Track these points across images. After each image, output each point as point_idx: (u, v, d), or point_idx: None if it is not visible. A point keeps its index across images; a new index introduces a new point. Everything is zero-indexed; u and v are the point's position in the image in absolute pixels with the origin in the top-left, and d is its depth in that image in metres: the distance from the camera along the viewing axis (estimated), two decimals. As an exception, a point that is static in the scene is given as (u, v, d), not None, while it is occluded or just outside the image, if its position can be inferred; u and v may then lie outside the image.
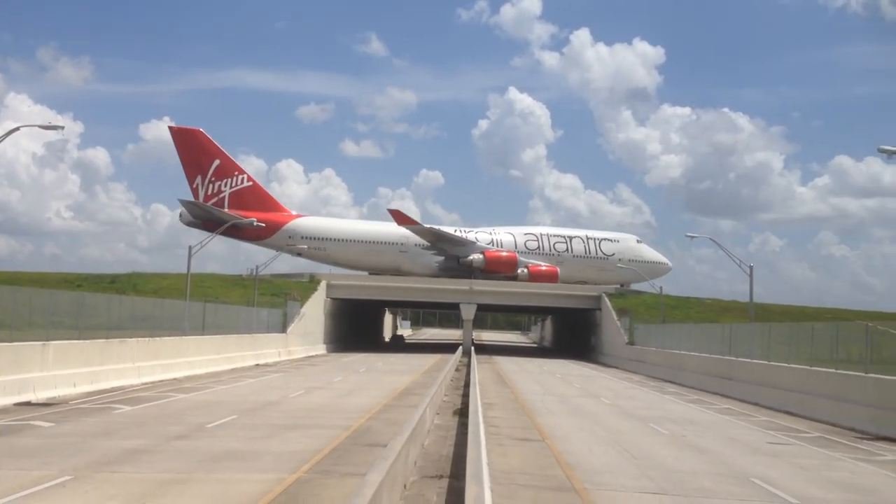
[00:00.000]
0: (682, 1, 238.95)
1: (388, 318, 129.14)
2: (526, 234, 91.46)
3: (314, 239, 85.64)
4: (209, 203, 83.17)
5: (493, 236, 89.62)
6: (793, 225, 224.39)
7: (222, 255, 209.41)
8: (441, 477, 16.29)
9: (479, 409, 21.06)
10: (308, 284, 74.24)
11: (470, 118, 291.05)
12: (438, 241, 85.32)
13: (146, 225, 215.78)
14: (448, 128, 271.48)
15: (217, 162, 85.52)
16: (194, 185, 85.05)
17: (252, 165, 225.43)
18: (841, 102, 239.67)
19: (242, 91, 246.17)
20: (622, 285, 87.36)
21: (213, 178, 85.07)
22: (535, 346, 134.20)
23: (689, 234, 66.63)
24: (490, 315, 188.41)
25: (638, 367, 59.81)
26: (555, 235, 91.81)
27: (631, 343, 66.65)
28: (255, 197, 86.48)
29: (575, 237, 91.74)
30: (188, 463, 16.82)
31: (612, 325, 72.94)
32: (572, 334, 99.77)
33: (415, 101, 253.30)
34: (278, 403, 29.13)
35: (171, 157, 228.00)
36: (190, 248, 51.93)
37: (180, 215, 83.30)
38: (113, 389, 31.23)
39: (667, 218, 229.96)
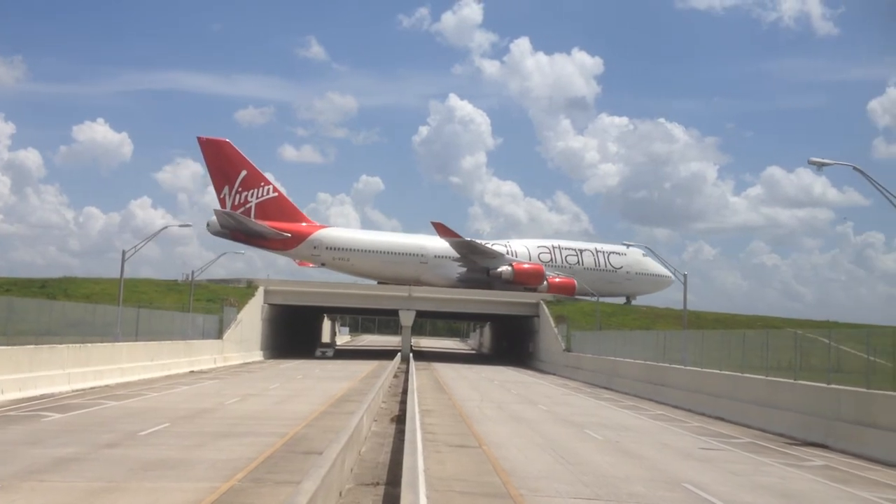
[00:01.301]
0: (620, 13, 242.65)
1: (326, 325, 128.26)
2: (539, 246, 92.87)
3: (338, 249, 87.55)
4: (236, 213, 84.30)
5: (507, 248, 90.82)
6: (726, 234, 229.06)
7: (157, 259, 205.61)
8: (377, 484, 16.25)
9: (417, 416, 21.11)
10: (245, 290, 73.34)
11: (410, 124, 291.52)
12: (471, 253, 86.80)
13: (78, 228, 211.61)
14: (388, 133, 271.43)
15: (244, 173, 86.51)
16: (221, 196, 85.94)
17: (189, 170, 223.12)
18: (773, 114, 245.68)
19: (179, 93, 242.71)
20: (629, 298, 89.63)
21: (239, 189, 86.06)
22: (473, 352, 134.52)
23: (625, 242, 67.55)
24: (429, 322, 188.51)
25: (575, 373, 60.39)
26: (566, 248, 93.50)
27: (568, 350, 67.30)
28: (280, 208, 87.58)
29: (585, 250, 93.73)
30: (119, 471, 16.50)
31: (549, 332, 73.53)
32: (510, 341, 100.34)
33: (355, 106, 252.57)
34: (213, 411, 28.76)
35: (104, 158, 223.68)
36: (123, 252, 50.91)
37: (208, 224, 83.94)
38: (42, 396, 30.50)
39: (604, 226, 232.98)
